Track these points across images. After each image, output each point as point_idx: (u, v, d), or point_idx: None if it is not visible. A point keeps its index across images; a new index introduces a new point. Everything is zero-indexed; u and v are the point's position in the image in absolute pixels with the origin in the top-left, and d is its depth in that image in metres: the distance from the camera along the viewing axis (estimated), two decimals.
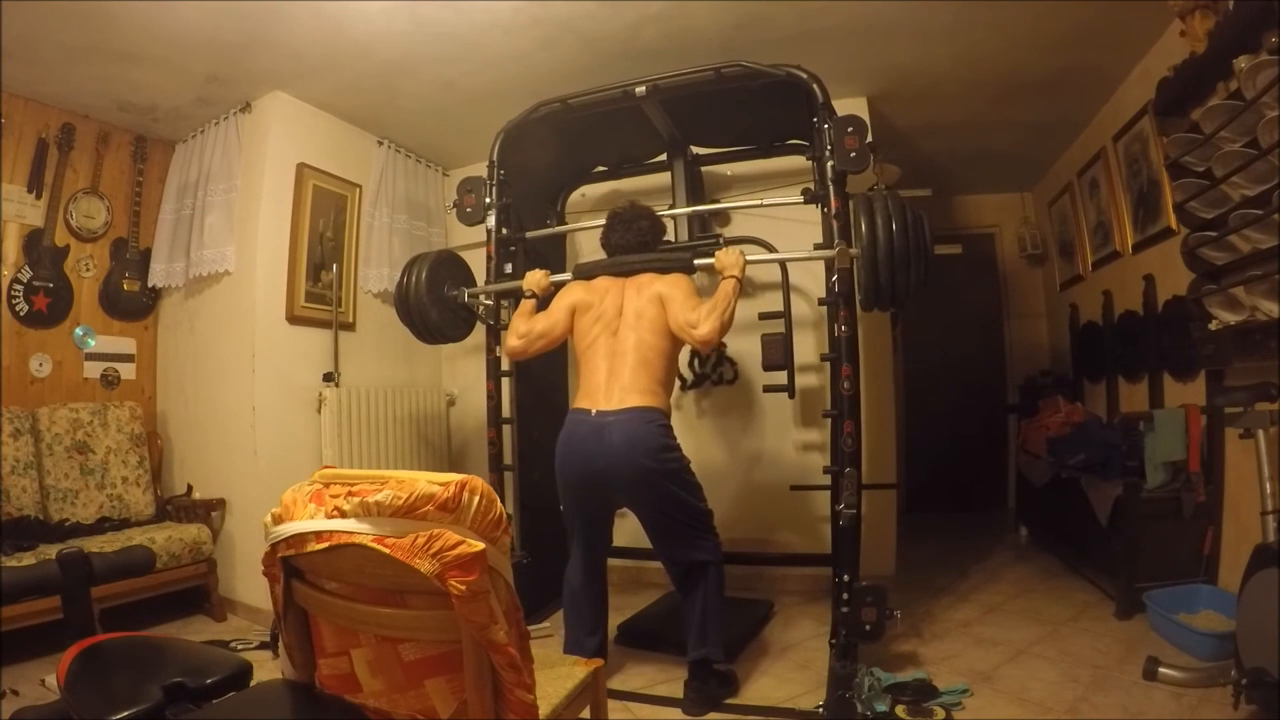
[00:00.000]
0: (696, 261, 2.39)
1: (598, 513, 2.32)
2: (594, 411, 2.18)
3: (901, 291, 2.20)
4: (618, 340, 2.26)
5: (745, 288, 3.64)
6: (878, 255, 2.15)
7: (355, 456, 3.39)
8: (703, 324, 2.13)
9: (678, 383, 3.68)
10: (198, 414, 3.47)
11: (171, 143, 3.65)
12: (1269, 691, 1.74)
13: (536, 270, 2.56)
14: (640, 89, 2.66)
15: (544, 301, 2.50)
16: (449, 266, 2.92)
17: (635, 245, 2.45)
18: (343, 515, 0.98)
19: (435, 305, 2.80)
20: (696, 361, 3.66)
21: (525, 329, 2.38)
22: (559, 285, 2.54)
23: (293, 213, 3.34)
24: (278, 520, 1.06)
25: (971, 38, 2.94)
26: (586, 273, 2.48)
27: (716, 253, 2.34)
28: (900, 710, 2.05)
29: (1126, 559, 2.78)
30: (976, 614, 2.94)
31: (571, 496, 2.29)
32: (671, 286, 2.27)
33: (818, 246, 2.64)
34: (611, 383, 2.21)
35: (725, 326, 2.15)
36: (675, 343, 2.27)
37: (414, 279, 2.78)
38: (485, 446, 2.93)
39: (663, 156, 3.30)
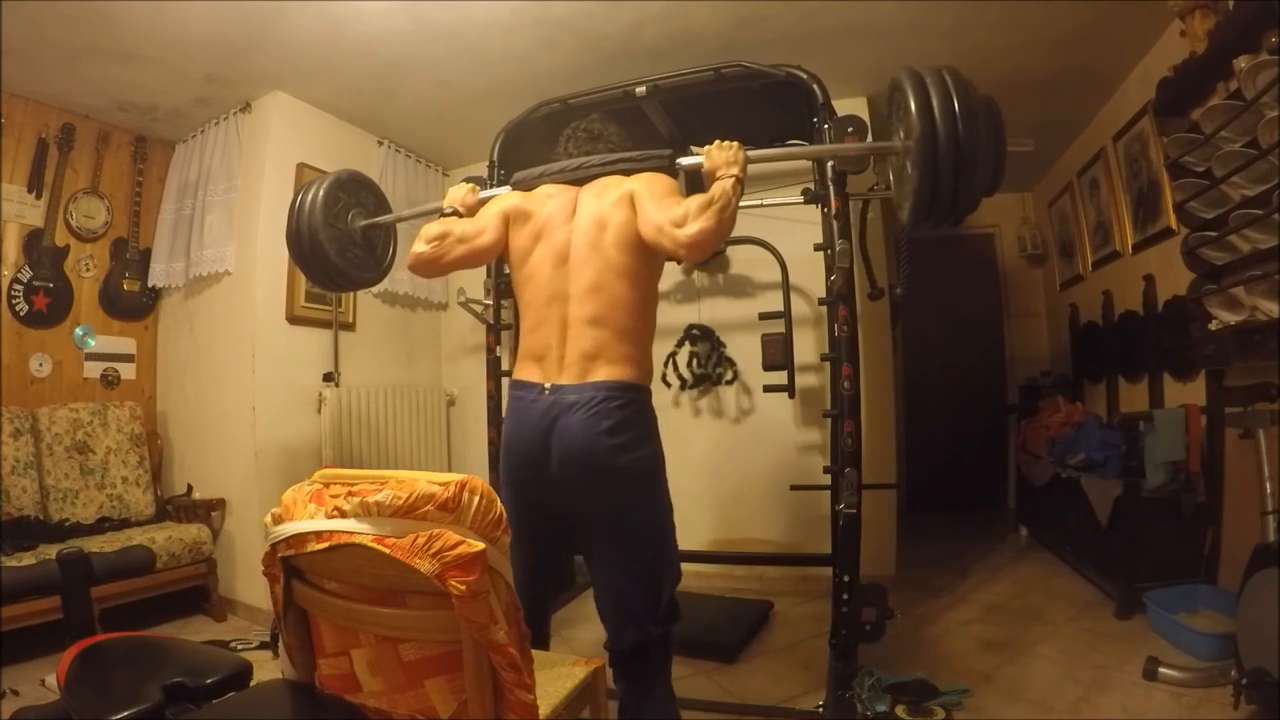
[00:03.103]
0: (680, 161, 1.77)
1: (546, 541, 1.62)
2: (546, 387, 1.56)
3: (965, 200, 1.61)
4: (570, 270, 1.60)
5: (746, 288, 3.69)
6: (938, 148, 1.53)
7: (355, 456, 3.39)
8: (694, 219, 1.50)
9: (677, 382, 3.69)
10: (198, 414, 3.47)
11: (171, 143, 3.65)
12: (1269, 691, 1.74)
13: (462, 184, 1.98)
14: (640, 89, 2.66)
15: None
16: (353, 190, 2.27)
17: (599, 154, 1.83)
18: (343, 515, 0.98)
19: (335, 242, 2.15)
20: (695, 361, 3.66)
21: (439, 232, 1.75)
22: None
23: None
24: (277, 520, 1.06)
25: (971, 38, 2.94)
26: (528, 183, 1.83)
27: (707, 149, 1.71)
28: (900, 710, 2.05)
29: (1126, 559, 2.78)
30: (976, 614, 2.93)
31: (514, 509, 1.40)
32: (646, 183, 1.63)
33: (818, 247, 2.63)
34: (568, 341, 1.57)
35: (725, 227, 1.54)
36: (653, 263, 1.64)
37: (307, 204, 2.14)
38: (485, 446, 2.92)
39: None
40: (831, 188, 2.36)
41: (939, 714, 2.03)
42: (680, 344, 3.67)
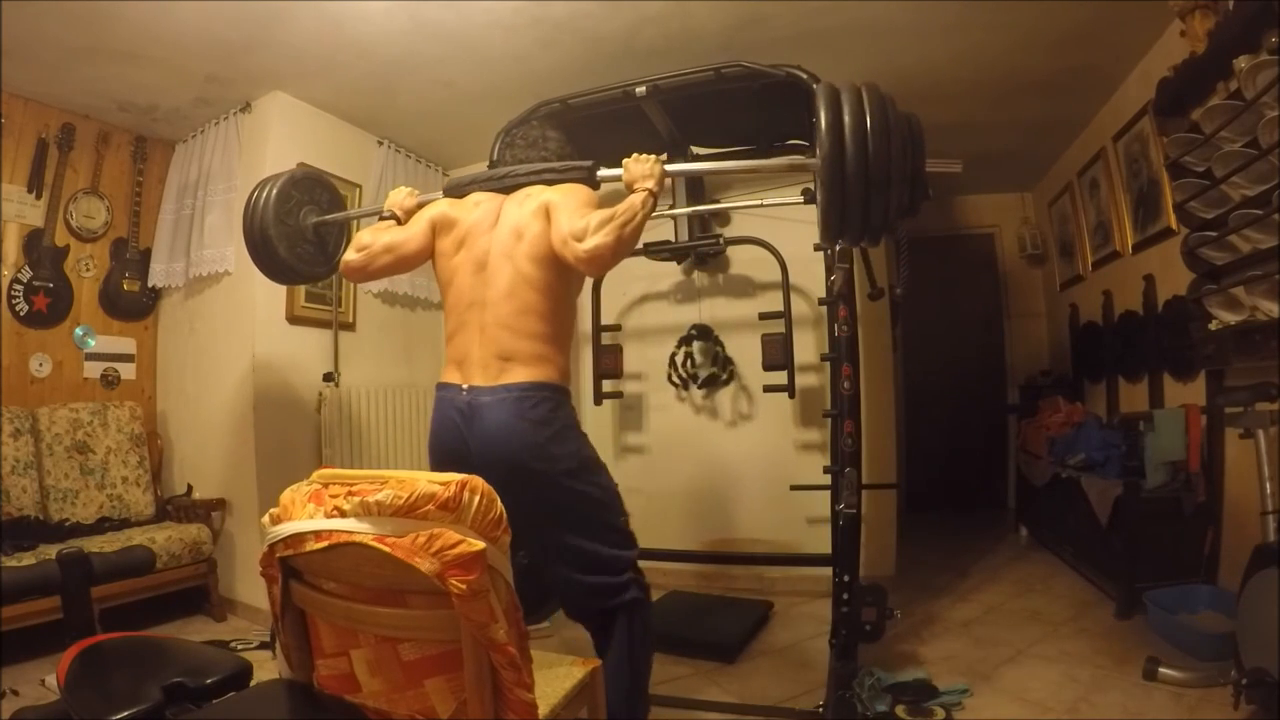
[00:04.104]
0: (601, 172, 1.83)
1: None
2: (465, 388, 1.64)
3: (876, 220, 1.58)
4: (488, 277, 1.67)
5: (746, 288, 3.68)
6: (846, 166, 1.52)
7: (355, 456, 3.39)
8: (593, 235, 1.54)
9: (679, 382, 3.69)
10: (198, 414, 3.47)
11: (171, 143, 3.65)
12: (1269, 691, 1.74)
13: (401, 188, 2.02)
14: (640, 89, 2.66)
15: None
16: (306, 188, 2.33)
17: (534, 161, 1.86)
18: (342, 515, 0.98)
19: (285, 238, 2.21)
20: (690, 362, 3.65)
21: (368, 240, 1.81)
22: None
23: None
24: (275, 520, 1.06)
25: (971, 38, 2.94)
26: (459, 190, 1.88)
27: (625, 161, 1.77)
28: (900, 710, 2.05)
29: (1126, 559, 2.78)
30: (976, 614, 2.93)
31: None
32: (563, 194, 1.69)
33: (818, 247, 2.63)
34: (485, 343, 1.64)
35: (625, 243, 1.56)
36: (567, 273, 1.67)
37: (260, 201, 2.20)
38: None
39: (663, 157, 3.29)
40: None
41: (939, 714, 2.03)
42: (681, 344, 3.67)
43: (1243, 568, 1.94)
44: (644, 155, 1.77)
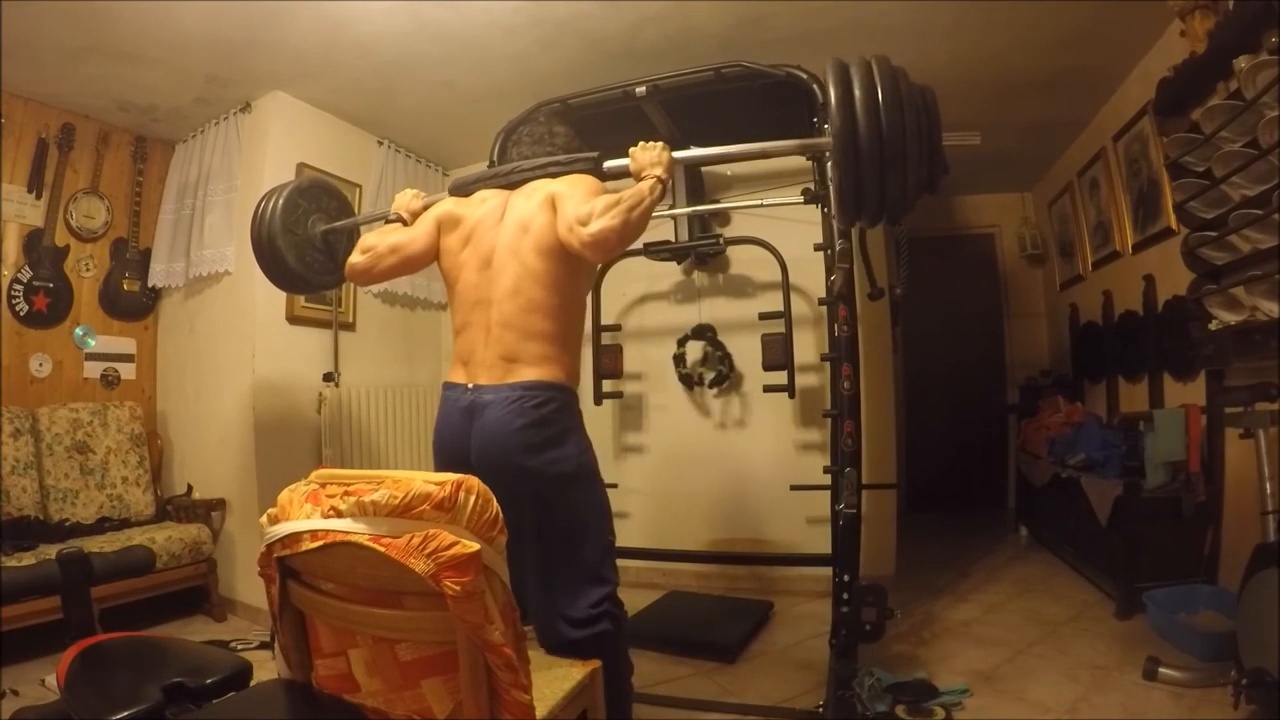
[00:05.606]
0: (607, 164, 1.76)
1: None
2: (469, 386, 1.61)
3: (894, 198, 1.52)
4: (493, 275, 1.64)
5: (746, 288, 3.68)
6: (859, 142, 1.47)
7: (355, 456, 3.39)
8: (598, 218, 1.49)
9: (680, 383, 3.68)
10: (198, 414, 3.47)
11: (171, 143, 3.65)
12: (1269, 691, 1.73)
13: (407, 190, 1.98)
14: (640, 89, 2.66)
15: None
16: (314, 196, 2.30)
17: (540, 156, 1.81)
18: (339, 515, 0.98)
19: (294, 247, 2.19)
20: (682, 362, 3.65)
21: (373, 242, 1.79)
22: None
23: None
24: (274, 520, 1.06)
25: (971, 38, 2.94)
26: (464, 188, 1.86)
27: (632, 150, 1.72)
28: (900, 710, 2.05)
29: (1126, 559, 2.77)
30: (976, 614, 2.93)
31: None
32: (569, 184, 1.64)
33: (818, 247, 2.63)
34: (491, 343, 1.61)
35: (631, 228, 1.51)
36: (574, 266, 1.62)
37: (267, 212, 2.18)
38: None
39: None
40: (831, 187, 2.36)
41: (939, 714, 2.03)
42: (681, 344, 3.67)
43: (1243, 568, 1.94)
44: (651, 143, 1.72)
